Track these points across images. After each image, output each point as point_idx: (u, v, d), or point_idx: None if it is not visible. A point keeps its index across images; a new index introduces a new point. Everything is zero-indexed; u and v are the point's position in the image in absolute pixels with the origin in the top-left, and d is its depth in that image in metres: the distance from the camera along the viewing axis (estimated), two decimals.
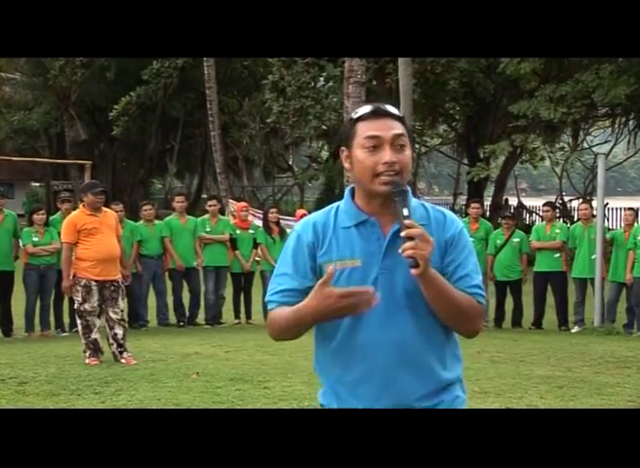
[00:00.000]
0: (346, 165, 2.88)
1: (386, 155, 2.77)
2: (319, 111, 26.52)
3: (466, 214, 15.40)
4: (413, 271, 2.66)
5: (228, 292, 13.78)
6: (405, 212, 2.71)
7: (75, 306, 9.51)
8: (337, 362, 2.90)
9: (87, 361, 9.35)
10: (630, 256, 12.76)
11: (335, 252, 2.84)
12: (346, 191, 2.95)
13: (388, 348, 2.81)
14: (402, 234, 2.67)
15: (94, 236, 9.43)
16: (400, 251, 2.67)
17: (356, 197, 2.90)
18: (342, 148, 2.88)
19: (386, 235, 2.83)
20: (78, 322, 9.53)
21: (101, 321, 9.50)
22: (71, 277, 9.43)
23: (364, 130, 2.80)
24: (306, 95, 26.59)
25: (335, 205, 2.95)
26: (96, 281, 9.36)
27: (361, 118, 2.82)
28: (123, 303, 9.74)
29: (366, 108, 2.86)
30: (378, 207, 2.84)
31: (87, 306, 9.36)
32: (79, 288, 9.37)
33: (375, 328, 2.80)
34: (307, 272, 2.85)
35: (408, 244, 2.65)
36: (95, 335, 9.41)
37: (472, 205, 14.47)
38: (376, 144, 2.78)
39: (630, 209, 14.04)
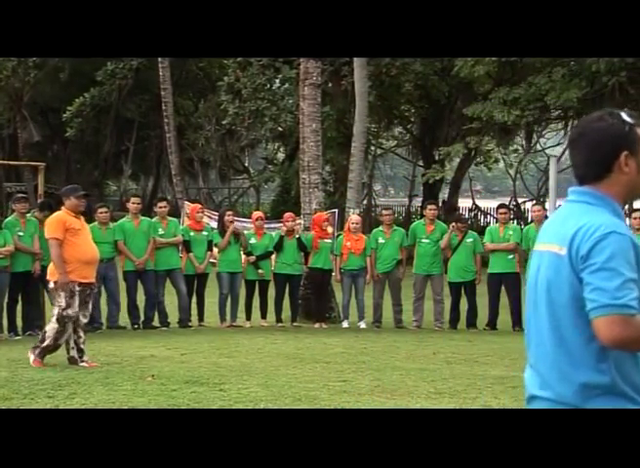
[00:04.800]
0: (626, 169, 2.87)
1: None
2: (275, 113, 26.47)
3: (422, 216, 15.49)
4: None
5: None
6: None
7: (56, 311, 9.22)
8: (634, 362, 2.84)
9: (33, 362, 9.20)
10: None
11: None
12: (603, 195, 2.90)
13: None
14: None
15: (78, 237, 9.29)
16: None
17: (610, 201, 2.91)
18: (627, 152, 2.86)
19: None
20: (55, 326, 9.19)
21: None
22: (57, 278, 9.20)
23: None
24: (262, 96, 26.54)
25: (597, 209, 2.88)
26: (80, 284, 9.19)
27: (637, 124, 2.88)
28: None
29: (630, 113, 2.91)
30: None
31: (70, 312, 9.13)
32: (61, 292, 9.18)
33: None
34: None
35: None
36: (62, 341, 9.26)
37: (429, 207, 14.58)
38: None
39: None
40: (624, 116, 2.88)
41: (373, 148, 31.30)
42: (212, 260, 14.05)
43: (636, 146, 2.87)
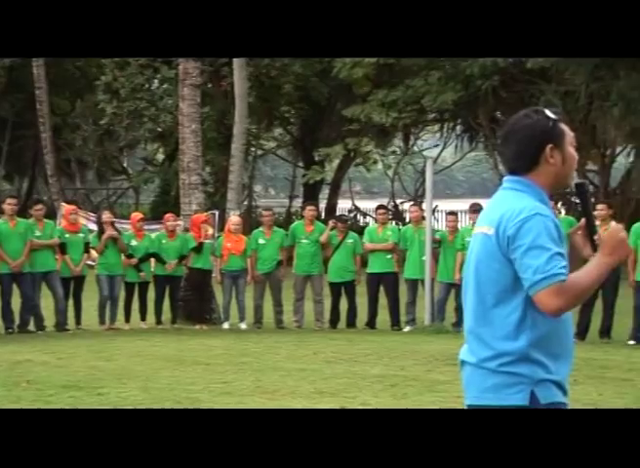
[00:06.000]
0: (552, 160, 3.15)
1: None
2: (154, 113, 26.21)
3: (302, 217, 15.57)
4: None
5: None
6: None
7: None
8: (552, 339, 3.08)
9: None
10: (459, 257, 13.12)
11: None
12: (531, 183, 3.14)
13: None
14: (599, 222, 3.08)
15: None
16: (598, 237, 3.11)
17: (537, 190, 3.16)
18: (551, 145, 3.13)
19: None
20: None
21: None
22: None
23: (568, 130, 3.19)
24: (141, 97, 26.24)
25: (524, 195, 3.12)
26: None
27: (559, 119, 3.17)
28: None
29: (553, 110, 3.18)
30: None
31: None
32: None
33: None
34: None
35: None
36: None
37: (308, 208, 14.71)
38: None
39: (451, 213, 14.58)
40: (548, 113, 3.17)
41: (253, 149, 31.25)
42: (90, 262, 13.81)
43: (560, 139, 3.16)
